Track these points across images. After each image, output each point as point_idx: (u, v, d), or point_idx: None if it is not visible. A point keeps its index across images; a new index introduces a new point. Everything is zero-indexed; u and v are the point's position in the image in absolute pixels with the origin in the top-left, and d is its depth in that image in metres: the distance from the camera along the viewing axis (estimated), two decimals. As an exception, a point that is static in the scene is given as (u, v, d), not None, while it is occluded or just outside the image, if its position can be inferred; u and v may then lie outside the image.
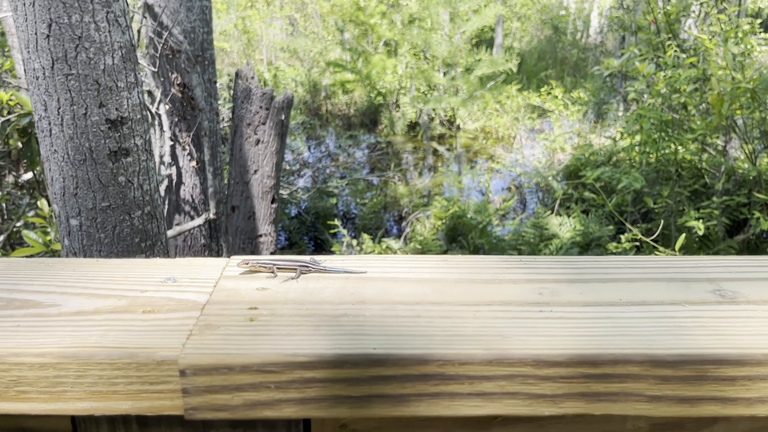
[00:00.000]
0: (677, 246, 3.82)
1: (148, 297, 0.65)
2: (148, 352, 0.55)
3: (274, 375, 0.55)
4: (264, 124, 3.83)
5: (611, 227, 6.00)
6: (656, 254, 4.95)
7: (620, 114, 8.90)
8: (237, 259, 0.73)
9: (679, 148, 5.22)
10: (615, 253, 5.81)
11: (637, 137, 6.21)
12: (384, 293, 0.65)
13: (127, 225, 2.13)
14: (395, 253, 6.58)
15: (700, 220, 4.85)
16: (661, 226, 4.62)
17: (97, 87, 1.96)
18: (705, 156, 6.26)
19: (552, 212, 6.75)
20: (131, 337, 0.58)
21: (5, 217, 5.36)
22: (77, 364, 0.55)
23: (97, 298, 0.65)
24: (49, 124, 2.01)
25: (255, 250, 3.92)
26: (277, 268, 0.70)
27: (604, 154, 7.26)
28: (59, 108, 1.98)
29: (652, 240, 4.36)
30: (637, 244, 5.73)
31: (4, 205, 5.25)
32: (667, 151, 5.30)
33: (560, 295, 0.65)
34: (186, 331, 0.58)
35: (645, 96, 6.24)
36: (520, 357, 0.54)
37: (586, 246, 6.12)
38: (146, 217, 2.17)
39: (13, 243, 5.18)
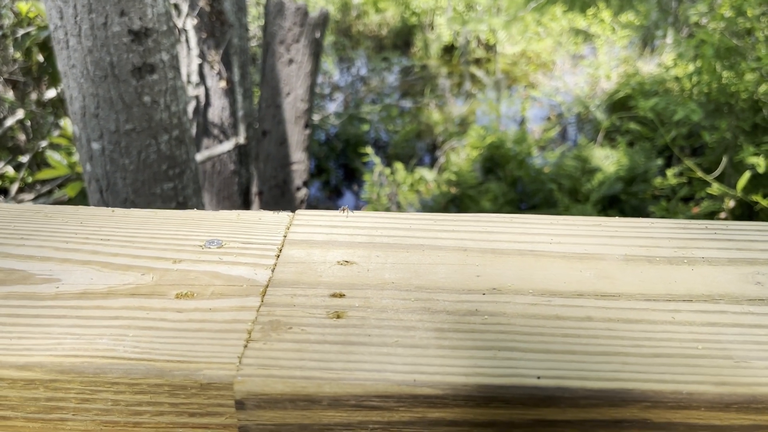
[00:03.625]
0: (740, 186, 3.54)
1: (184, 271, 0.45)
2: (187, 369, 0.36)
3: (380, 413, 0.35)
4: (297, 42, 3.56)
5: (659, 161, 5.67)
6: (709, 191, 4.66)
7: (669, 41, 8.35)
8: (305, 215, 0.53)
9: (740, 78, 4.82)
10: (661, 189, 5.53)
11: (691, 65, 5.78)
12: (525, 276, 0.44)
13: (153, 150, 1.94)
14: (427, 183, 6.37)
15: (760, 156, 4.53)
16: (724, 163, 4.31)
17: (117, -7, 1.72)
18: (763, 87, 5.84)
19: (595, 144, 6.43)
20: (160, 340, 0.38)
21: (30, 136, 5.23)
22: (81, 383, 0.36)
23: (111, 269, 0.45)
24: (66, 34, 1.79)
25: (287, 178, 3.73)
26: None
27: (653, 84, 6.83)
28: (76, 16, 1.75)
29: (711, 177, 4.07)
30: (685, 180, 5.43)
31: (28, 123, 5.10)
32: (727, 81, 4.91)
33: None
34: (242, 332, 0.39)
35: (705, 20, 5.76)
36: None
37: (631, 181, 5.84)
38: (174, 142, 1.98)
39: (39, 163, 5.07)
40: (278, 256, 0.47)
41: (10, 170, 4.70)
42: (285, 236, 0.50)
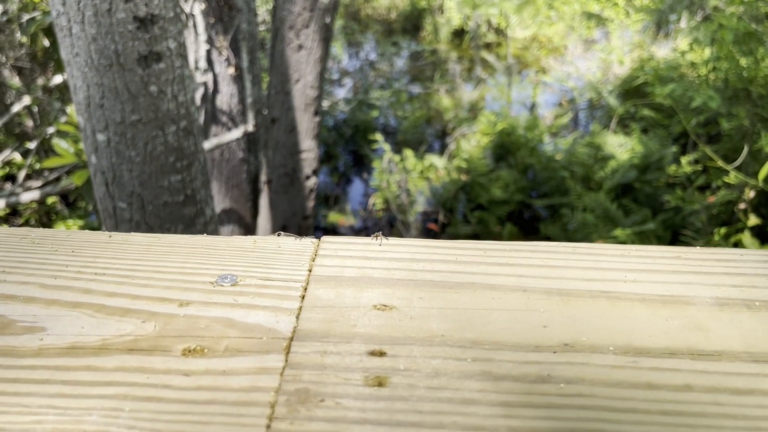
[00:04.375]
0: (761, 175, 3.43)
1: (192, 317, 0.38)
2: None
3: None
4: (307, 27, 3.47)
5: (674, 149, 5.56)
6: (726, 180, 4.56)
7: (684, 25, 8.18)
8: (332, 243, 0.46)
9: (758, 64, 4.69)
10: (675, 177, 5.42)
11: (708, 50, 5.65)
12: (602, 326, 0.37)
13: (160, 142, 1.86)
14: (437, 170, 6.28)
15: (780, 146, 4.41)
16: (746, 152, 4.20)
17: (121, -23, 1.64)
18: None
19: (608, 130, 6.31)
20: (163, 417, 0.31)
21: (38, 122, 5.17)
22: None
23: (106, 314, 0.38)
24: (69, 21, 1.71)
25: (296, 167, 3.66)
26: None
27: (668, 69, 6.69)
28: (79, 2, 1.67)
29: (728, 166, 3.96)
30: (700, 168, 5.32)
31: (36, 109, 5.04)
32: (745, 67, 4.78)
33: None
34: (263, 406, 0.31)
35: (721, 3, 5.62)
36: None
37: (645, 169, 5.73)
38: (182, 133, 1.90)
39: (47, 149, 5.02)
40: (303, 297, 0.39)
41: (17, 157, 4.65)
42: (310, 270, 0.42)
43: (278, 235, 0.49)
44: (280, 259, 0.44)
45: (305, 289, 0.41)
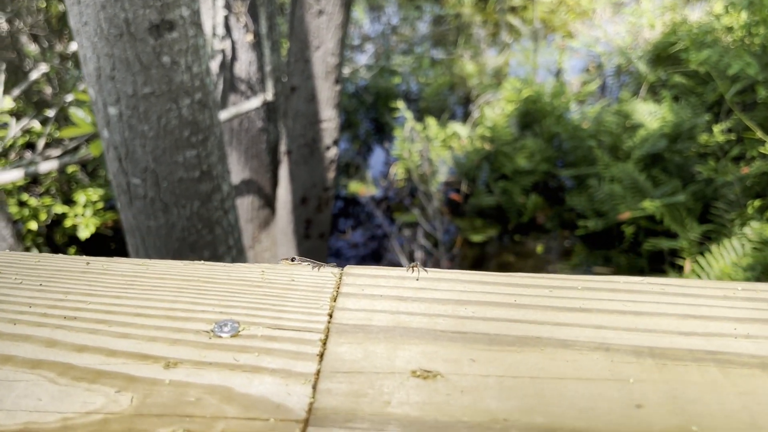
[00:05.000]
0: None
1: (180, 385, 0.29)
2: None
3: None
4: (328, -9, 3.33)
5: (707, 117, 5.35)
6: (762, 150, 4.37)
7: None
8: (358, 275, 0.37)
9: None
10: (707, 147, 5.23)
11: (744, 14, 5.39)
12: (714, 406, 0.28)
13: (174, 115, 1.78)
14: (460, 139, 6.14)
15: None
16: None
17: (130, -60, 1.54)
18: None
19: (637, 98, 6.10)
20: None
21: (56, 90, 5.11)
22: None
23: (72, 380, 0.30)
24: (76, -12, 1.62)
25: (316, 137, 3.56)
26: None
27: (702, 33, 6.42)
28: (86, -33, 1.58)
29: (765, 136, 3.78)
30: (734, 137, 5.13)
31: (54, 77, 4.98)
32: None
33: None
34: None
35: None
36: None
37: (675, 138, 5.54)
38: (196, 106, 1.82)
39: (66, 117, 4.98)
40: (321, 356, 0.31)
41: (36, 125, 4.61)
42: (330, 314, 0.34)
43: (292, 261, 0.41)
44: (293, 297, 0.35)
45: (324, 343, 0.32)
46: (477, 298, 0.35)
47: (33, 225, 3.97)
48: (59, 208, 4.10)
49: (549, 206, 5.64)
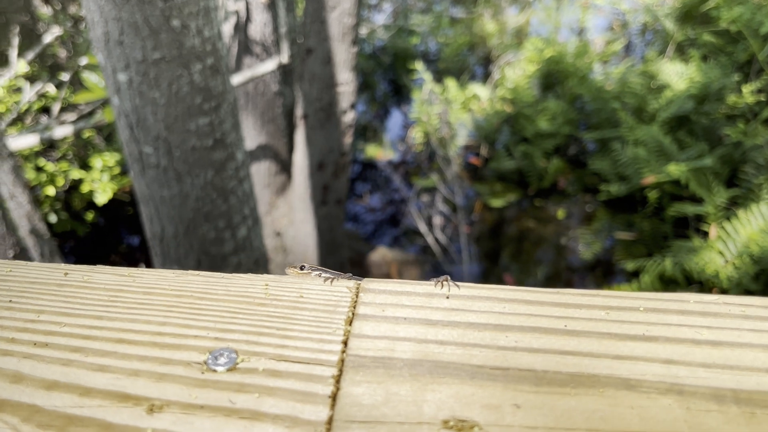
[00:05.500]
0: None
1: (165, 437, 0.25)
2: None
3: None
4: (344, -52, 3.21)
5: (736, 77, 5.16)
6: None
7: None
8: (378, 292, 0.31)
9: None
10: (736, 108, 5.06)
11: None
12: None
13: (185, 81, 1.72)
14: (480, 101, 6.01)
15: None
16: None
17: None
18: None
19: (664, 58, 5.90)
20: None
21: (71, 53, 5.06)
22: None
23: (36, 428, 0.25)
24: (81, -53, 1.55)
25: (333, 101, 3.48)
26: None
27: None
28: (90, -75, 1.50)
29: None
30: (764, 98, 4.95)
31: (68, 40, 4.92)
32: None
33: None
34: None
35: None
36: None
37: (703, 99, 5.36)
38: (208, 72, 1.75)
39: (81, 81, 4.93)
40: (334, 398, 0.26)
41: (51, 89, 4.57)
42: (345, 342, 0.29)
43: (301, 269, 0.35)
44: (301, 319, 0.30)
45: (338, 381, 0.27)
46: (520, 323, 0.29)
47: (50, 191, 3.97)
48: (76, 173, 4.08)
49: (571, 170, 5.53)
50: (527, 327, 0.29)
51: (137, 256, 4.63)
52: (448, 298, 0.31)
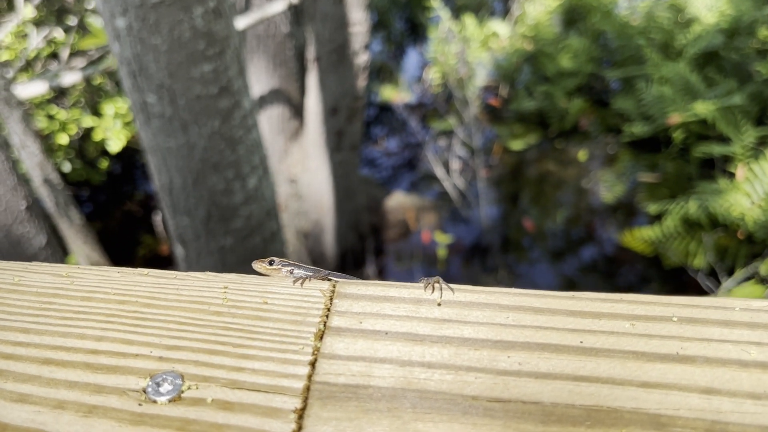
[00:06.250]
0: None
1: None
2: None
3: None
4: None
5: (770, 9, 4.89)
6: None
7: None
8: (353, 300, 0.26)
9: None
10: (767, 42, 4.83)
11: None
12: None
13: (187, 26, 1.64)
14: (500, 39, 5.80)
15: None
16: None
17: None
18: None
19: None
20: None
21: (78, -4, 4.93)
22: None
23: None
24: None
25: (345, 42, 3.37)
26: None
27: None
28: None
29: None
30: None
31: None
32: None
33: None
34: None
35: None
36: None
37: (733, 34, 5.12)
38: (210, 16, 1.67)
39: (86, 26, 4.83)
40: (296, 440, 0.21)
41: (59, 34, 4.49)
42: (313, 363, 0.24)
43: (270, 264, 0.30)
44: (263, 332, 0.25)
45: (301, 416, 0.22)
46: (525, 338, 0.24)
47: (63, 139, 3.94)
48: (89, 121, 4.04)
49: (593, 110, 5.37)
50: (534, 344, 0.24)
51: (152, 203, 4.63)
52: (439, 305, 0.26)
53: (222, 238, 1.99)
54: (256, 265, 0.32)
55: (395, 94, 5.97)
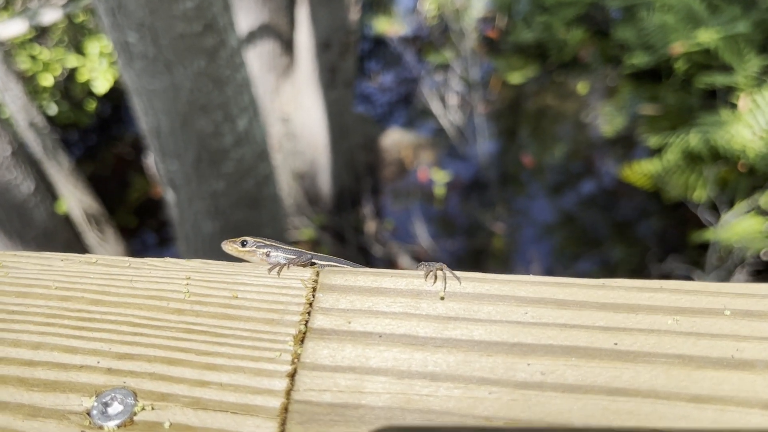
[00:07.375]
0: None
1: None
2: None
3: None
4: None
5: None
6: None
7: None
8: (337, 281, 0.22)
9: None
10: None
11: None
12: None
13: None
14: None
15: None
16: None
17: None
18: None
19: None
20: None
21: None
22: None
23: None
24: None
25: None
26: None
27: None
28: None
29: None
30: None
31: None
32: None
33: None
34: None
35: None
36: None
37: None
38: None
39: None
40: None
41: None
42: (292, 375, 0.20)
43: (242, 246, 0.26)
44: (232, 335, 0.21)
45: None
46: (548, 339, 0.20)
47: (47, 80, 3.82)
48: (73, 60, 3.91)
49: (593, 41, 5.21)
50: (559, 347, 0.20)
51: (143, 145, 4.55)
52: (443, 299, 0.22)
53: (214, 182, 1.94)
54: (227, 247, 0.28)
55: (389, 27, 5.78)
